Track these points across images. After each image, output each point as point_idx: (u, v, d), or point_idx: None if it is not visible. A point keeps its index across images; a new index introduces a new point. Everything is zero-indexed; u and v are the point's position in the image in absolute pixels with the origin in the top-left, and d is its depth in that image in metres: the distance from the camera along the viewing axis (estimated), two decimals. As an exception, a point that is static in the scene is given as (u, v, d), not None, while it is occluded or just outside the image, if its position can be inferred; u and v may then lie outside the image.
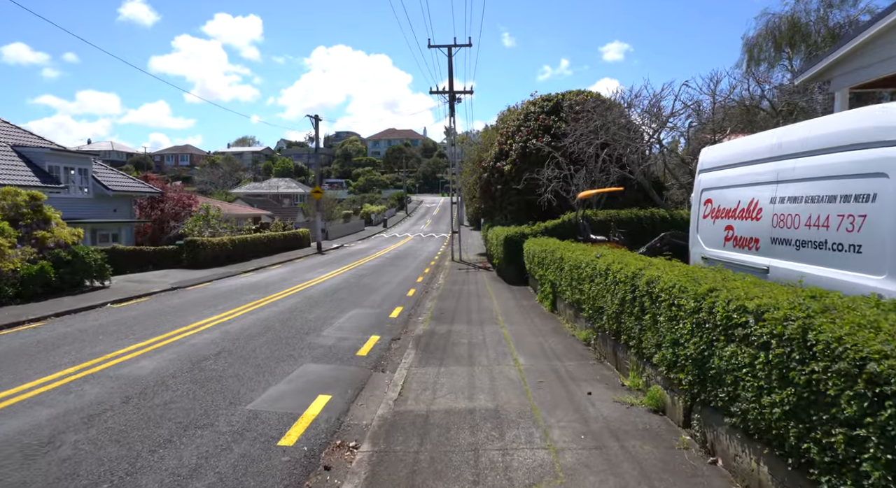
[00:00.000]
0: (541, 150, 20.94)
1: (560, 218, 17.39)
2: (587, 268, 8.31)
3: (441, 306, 12.83)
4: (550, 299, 11.79)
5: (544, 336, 9.21)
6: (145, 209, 31.37)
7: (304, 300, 13.90)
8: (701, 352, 4.28)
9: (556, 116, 22.08)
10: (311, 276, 19.61)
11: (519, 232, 17.38)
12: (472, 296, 14.44)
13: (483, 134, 30.34)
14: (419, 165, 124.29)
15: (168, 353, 8.10)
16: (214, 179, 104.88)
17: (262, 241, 28.64)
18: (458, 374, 6.92)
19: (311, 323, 10.76)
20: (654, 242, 13.98)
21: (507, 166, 22.40)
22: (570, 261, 9.62)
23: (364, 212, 70.85)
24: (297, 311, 12.13)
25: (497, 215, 26.55)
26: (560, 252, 10.81)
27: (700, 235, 7.85)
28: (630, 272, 6.31)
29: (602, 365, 7.28)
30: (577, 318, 9.43)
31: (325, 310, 12.40)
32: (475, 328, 10.06)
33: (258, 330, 10.02)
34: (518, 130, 22.84)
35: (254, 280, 18.83)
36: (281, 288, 16.43)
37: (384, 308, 12.90)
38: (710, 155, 7.86)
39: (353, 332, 9.95)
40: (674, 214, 16.50)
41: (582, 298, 8.68)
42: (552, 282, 11.55)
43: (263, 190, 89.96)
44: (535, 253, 13.90)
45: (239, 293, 15.32)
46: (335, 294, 15.09)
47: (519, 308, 12.46)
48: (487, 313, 11.78)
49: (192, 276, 19.34)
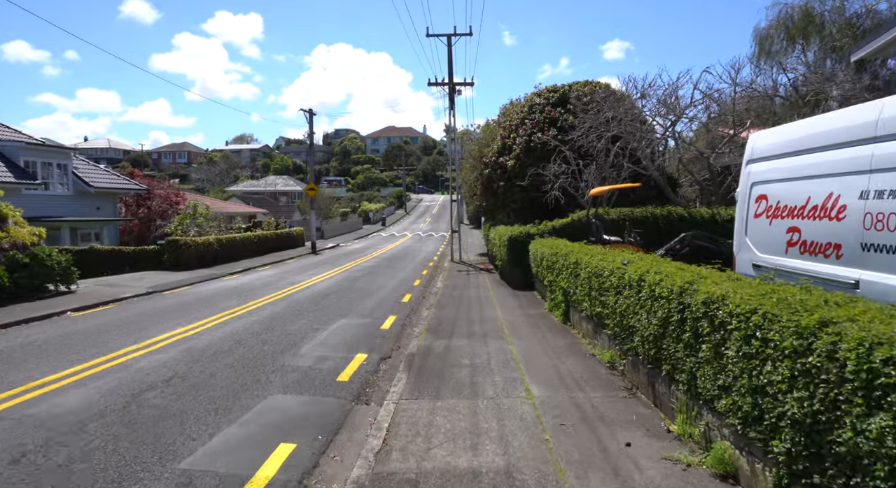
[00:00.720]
0: (547, 144, 19.58)
1: (569, 216, 16.04)
2: (612, 278, 6.97)
3: (439, 315, 11.49)
4: (562, 309, 10.45)
5: (559, 356, 7.87)
6: (132, 207, 30.02)
7: (287, 307, 12.55)
8: (812, 413, 2.94)
9: (563, 108, 20.72)
10: (301, 279, 18.26)
11: (524, 232, 16.04)
12: (473, 303, 13.10)
13: (484, 128, 29.00)
14: (419, 163, 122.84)
15: (106, 381, 6.74)
16: (211, 177, 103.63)
17: (253, 241, 27.29)
18: (457, 411, 5.58)
19: (289, 337, 9.40)
20: (673, 244, 12.68)
21: (511, 162, 21.05)
22: (589, 268, 8.27)
23: (362, 210, 69.47)
24: (277, 322, 10.78)
25: (499, 213, 25.19)
26: (575, 256, 9.46)
27: (750, 238, 6.50)
28: (676, 286, 4.96)
29: (635, 398, 5.93)
30: (598, 335, 8.08)
31: (310, 320, 11.05)
32: (478, 344, 8.71)
33: (227, 346, 8.67)
34: (522, 123, 21.48)
35: (238, 283, 17.48)
36: (265, 292, 15.08)
37: (376, 317, 11.56)
38: (765, 141, 6.49)
39: (337, 349, 8.60)
40: (692, 213, 15.16)
41: (604, 312, 7.34)
42: (565, 290, 10.21)
43: (260, 188, 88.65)
44: (543, 255, 12.56)
45: (218, 299, 13.97)
46: (323, 300, 13.74)
47: (526, 318, 11.12)
48: (491, 324, 10.44)
49: (171, 279, 17.99)
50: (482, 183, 24.37)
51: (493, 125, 28.59)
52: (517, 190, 20.94)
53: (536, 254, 13.63)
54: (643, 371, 5.97)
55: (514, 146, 21.26)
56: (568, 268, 9.84)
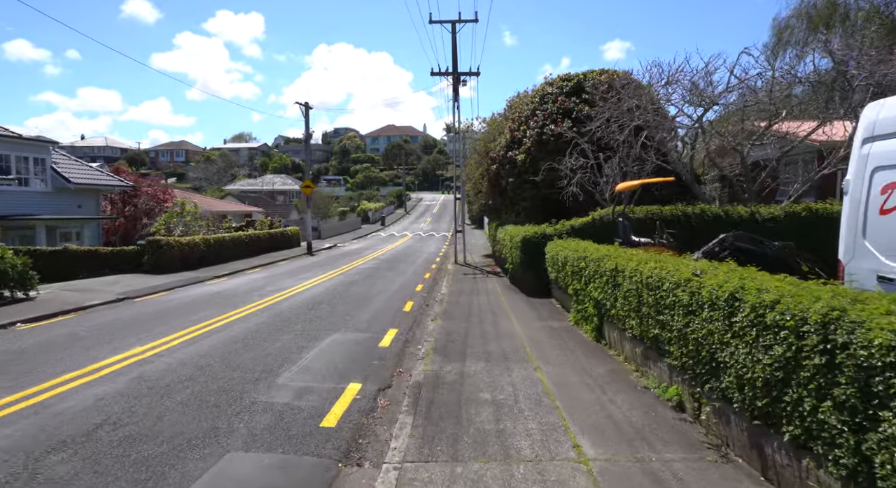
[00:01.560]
0: (561, 136, 17.94)
1: (589, 215, 14.41)
2: (678, 293, 5.34)
3: (447, 328, 9.86)
4: (594, 324, 8.82)
5: (603, 388, 6.25)
6: (117, 205, 28.41)
7: (271, 319, 10.92)
8: None
9: (578, 98, 19.09)
10: (291, 284, 16.62)
11: (539, 232, 14.41)
12: (485, 314, 11.47)
13: (490, 122, 27.34)
14: (419, 162, 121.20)
15: (8, 431, 5.11)
16: (209, 176, 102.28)
17: (243, 241, 25.65)
18: (485, 483, 3.96)
19: (268, 360, 7.77)
20: (711, 246, 11.07)
21: (521, 156, 19.43)
22: (637, 278, 6.65)
23: (361, 209, 67.82)
24: (256, 338, 9.14)
25: (506, 213, 23.55)
26: (613, 261, 7.83)
27: (872, 242, 4.88)
28: (813, 314, 3.35)
29: (732, 464, 4.29)
30: (651, 361, 6.46)
31: (296, 335, 9.41)
32: (498, 369, 7.09)
33: (188, 373, 7.03)
34: (533, 115, 19.85)
35: (221, 288, 15.83)
36: (250, 299, 13.45)
37: (374, 331, 9.93)
38: (891, 111, 4.88)
39: (325, 377, 6.97)
40: (729, 211, 13.53)
41: (664, 336, 5.73)
42: (598, 302, 8.58)
43: (258, 186, 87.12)
44: (565, 259, 10.93)
45: (194, 308, 12.33)
46: (313, 309, 12.10)
47: (549, 333, 9.48)
48: (509, 341, 8.81)
49: (149, 283, 16.36)
50: (488, 179, 22.75)
51: (499, 119, 26.94)
52: (528, 186, 19.32)
53: (556, 257, 12.01)
54: (741, 425, 4.34)
55: (525, 139, 19.64)
56: (603, 275, 8.22)
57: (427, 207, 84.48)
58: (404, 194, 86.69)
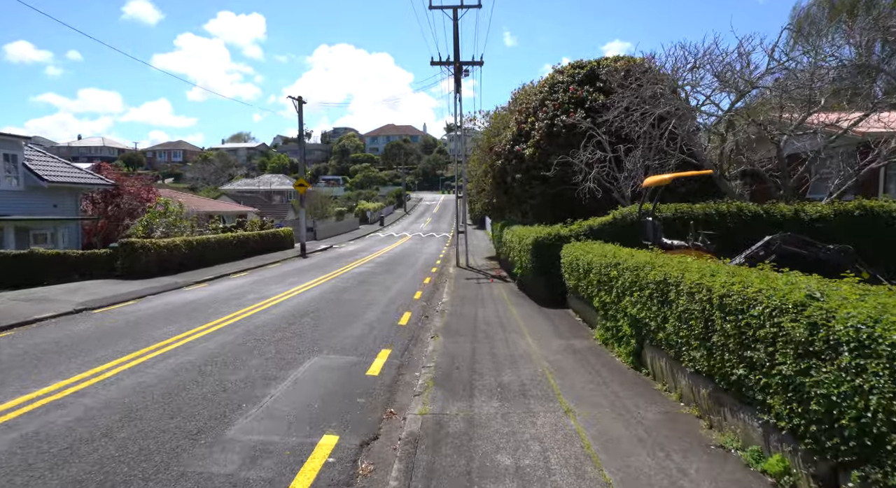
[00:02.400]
0: (575, 128, 16.32)
1: (609, 214, 12.78)
2: (788, 323, 3.71)
3: (450, 349, 8.23)
4: (631, 346, 7.18)
5: (663, 446, 4.61)
6: (98, 204, 26.79)
7: (242, 337, 9.27)
8: None
9: (591, 87, 17.49)
10: (277, 291, 14.99)
11: (552, 234, 12.77)
12: (493, 328, 9.84)
13: (494, 116, 25.72)
14: (419, 162, 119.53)
15: None
16: (206, 176, 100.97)
17: (230, 243, 23.99)
18: None
19: (220, 399, 6.11)
20: (755, 250, 9.49)
21: (529, 150, 17.80)
22: (703, 295, 5.02)
23: (359, 209, 66.14)
24: (215, 366, 7.49)
25: (511, 212, 21.97)
26: (659, 271, 6.20)
27: None
28: None
29: None
30: (727, 408, 4.82)
31: (266, 359, 7.77)
32: (517, 413, 5.46)
33: (104, 424, 5.33)
34: (542, 105, 18.24)
35: (197, 296, 14.19)
36: (224, 311, 11.81)
37: (362, 352, 8.30)
38: None
39: (291, 426, 5.33)
40: (770, 210, 11.88)
41: (758, 381, 4.10)
42: (635, 320, 6.95)
43: (255, 186, 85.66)
44: (589, 265, 9.29)
45: (158, 321, 10.69)
46: (295, 323, 10.47)
47: (574, 356, 7.85)
48: (527, 367, 7.18)
49: (118, 291, 14.73)
50: (493, 176, 21.13)
51: (504, 113, 25.34)
52: (536, 183, 17.71)
53: (575, 262, 10.38)
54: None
55: (533, 132, 18.02)
56: (644, 288, 6.58)
57: (427, 207, 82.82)
58: (404, 194, 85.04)
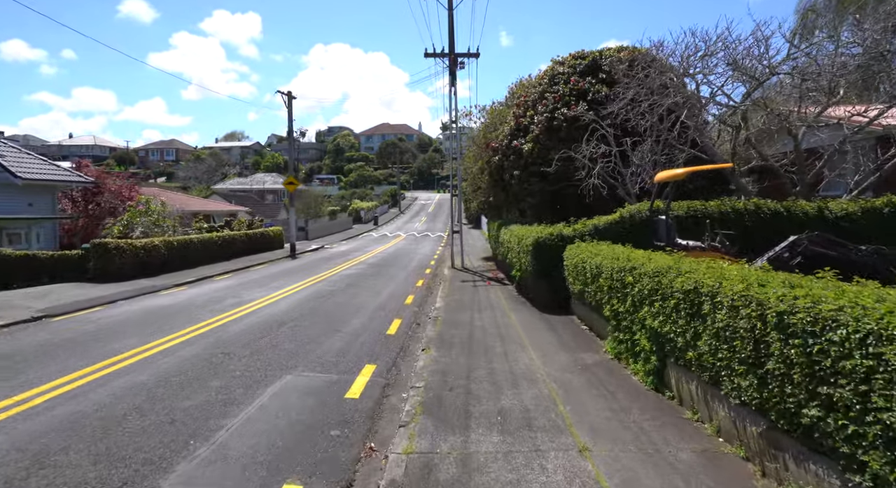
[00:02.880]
0: (577, 121, 15.37)
1: (616, 213, 11.83)
2: (893, 356, 2.75)
3: (443, 365, 7.25)
4: (651, 365, 6.21)
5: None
6: (78, 203, 25.69)
7: (208, 351, 8.25)
8: None
9: (594, 78, 16.53)
10: (259, 295, 13.97)
11: (554, 234, 11.80)
12: (491, 339, 8.86)
13: (490, 111, 24.74)
14: (414, 161, 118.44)
15: None
16: (198, 175, 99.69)
17: (215, 243, 22.91)
18: None
19: (162, 435, 5.09)
20: (780, 251, 8.62)
21: (527, 145, 16.83)
22: (753, 310, 4.06)
23: (353, 208, 65.03)
24: (169, 388, 6.47)
25: (509, 211, 21.00)
26: (687, 278, 5.25)
27: None
28: None
29: None
30: (788, 454, 3.84)
31: (228, 380, 6.76)
32: (522, 452, 4.49)
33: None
34: (541, 98, 17.26)
35: (172, 301, 13.15)
36: (197, 318, 10.78)
37: (342, 369, 7.31)
38: None
39: (244, 474, 4.32)
40: (791, 208, 10.96)
41: (844, 427, 3.14)
42: (656, 334, 6.00)
43: (247, 185, 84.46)
44: (597, 269, 8.32)
45: (120, 331, 9.66)
46: (270, 334, 9.45)
47: (584, 373, 6.87)
48: (531, 389, 6.21)
49: (88, 295, 13.68)
50: (489, 173, 20.16)
51: (500, 108, 24.38)
52: (535, 180, 16.73)
53: (581, 265, 9.41)
54: None
55: (532, 126, 17.05)
56: (668, 298, 5.62)
57: (422, 207, 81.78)
58: (398, 193, 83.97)
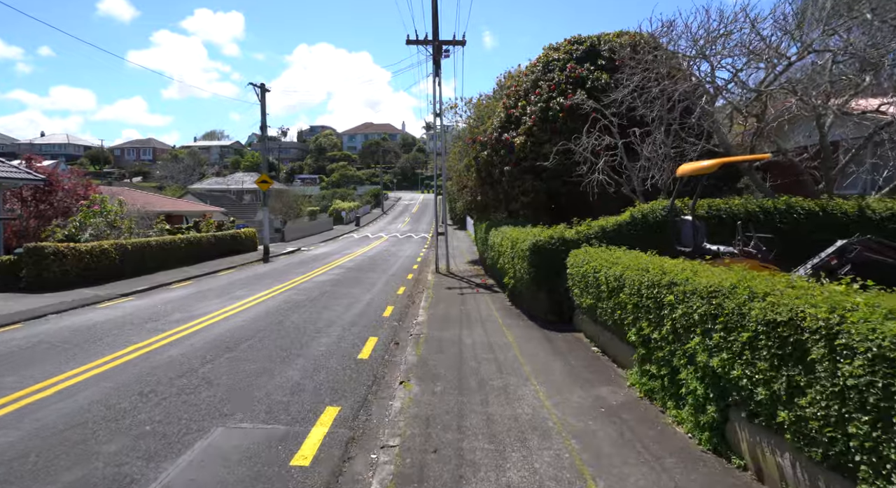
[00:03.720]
0: (575, 111, 13.83)
1: (626, 212, 10.28)
2: None
3: (426, 410, 5.57)
4: (708, 416, 4.58)
5: None
6: (28, 202, 23.47)
7: (123, 389, 6.44)
8: None
9: (593, 65, 15.00)
10: (214, 308, 12.14)
11: (555, 237, 10.18)
12: (486, 368, 7.19)
13: (477, 104, 23.10)
14: (398, 161, 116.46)
15: None
16: (175, 174, 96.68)
17: (177, 246, 20.88)
18: None
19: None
20: (826, 258, 7.13)
21: (520, 138, 15.23)
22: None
23: (333, 209, 62.92)
24: (41, 457, 4.71)
25: (498, 210, 19.32)
26: (779, 305, 3.65)
27: None
28: None
29: None
30: None
31: (131, 441, 4.98)
32: None
33: None
34: (535, 87, 15.69)
35: (110, 316, 11.24)
36: (129, 340, 8.93)
37: (293, 416, 5.59)
38: None
39: None
40: (829, 208, 9.50)
41: None
42: (716, 376, 4.40)
43: (225, 185, 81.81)
44: (616, 281, 6.71)
45: (16, 362, 7.79)
46: (211, 362, 7.66)
47: (610, 423, 5.24)
48: (546, 453, 4.57)
49: (11, 309, 11.71)
50: (477, 170, 18.51)
51: (488, 101, 22.74)
52: (528, 177, 15.14)
53: (592, 275, 7.80)
54: None
55: (524, 118, 15.46)
56: (739, 329, 4.02)
57: (406, 207, 79.92)
58: (381, 193, 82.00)
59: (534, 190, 15.19)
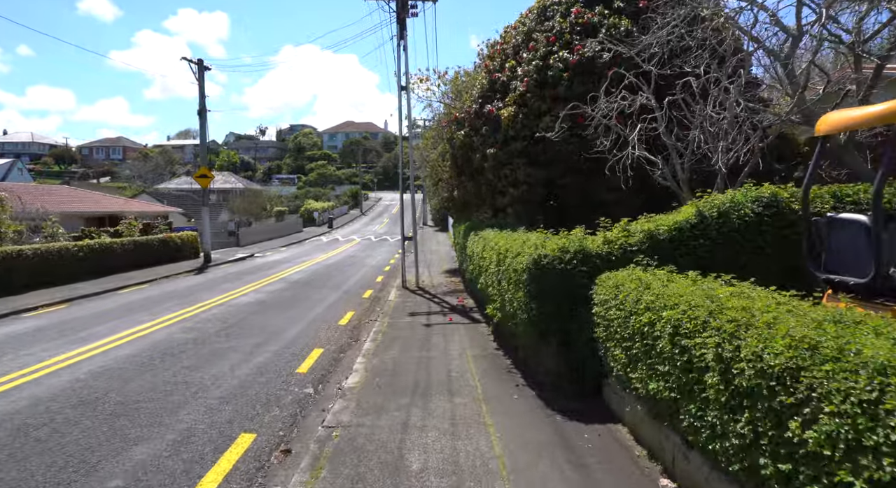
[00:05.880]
0: (588, 66, 9.83)
1: (689, 206, 6.21)
2: None
3: None
4: None
5: None
6: None
7: None
8: None
9: (608, 8, 10.98)
10: (74, 346, 7.86)
11: (571, 250, 5.98)
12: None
13: (453, 80, 18.84)
14: (380, 160, 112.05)
15: None
16: (144, 173, 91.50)
17: (72, 256, 16.36)
18: None
19: None
20: None
21: (508, 109, 11.14)
22: None
23: (305, 209, 58.31)
24: None
25: (481, 208, 15.04)
26: None
27: None
28: None
29: None
30: None
31: None
32: None
33: None
34: (528, 41, 11.64)
35: None
36: None
37: None
38: None
39: None
40: None
41: None
42: None
43: (195, 185, 76.93)
44: (759, 361, 2.61)
45: None
46: None
47: None
48: None
49: None
50: (452, 156, 14.35)
51: (468, 76, 18.55)
52: (520, 163, 11.03)
53: (649, 326, 3.68)
54: None
55: (514, 82, 11.39)
56: None
57: (386, 207, 75.56)
58: (360, 193, 77.54)
59: (527, 180, 11.08)
